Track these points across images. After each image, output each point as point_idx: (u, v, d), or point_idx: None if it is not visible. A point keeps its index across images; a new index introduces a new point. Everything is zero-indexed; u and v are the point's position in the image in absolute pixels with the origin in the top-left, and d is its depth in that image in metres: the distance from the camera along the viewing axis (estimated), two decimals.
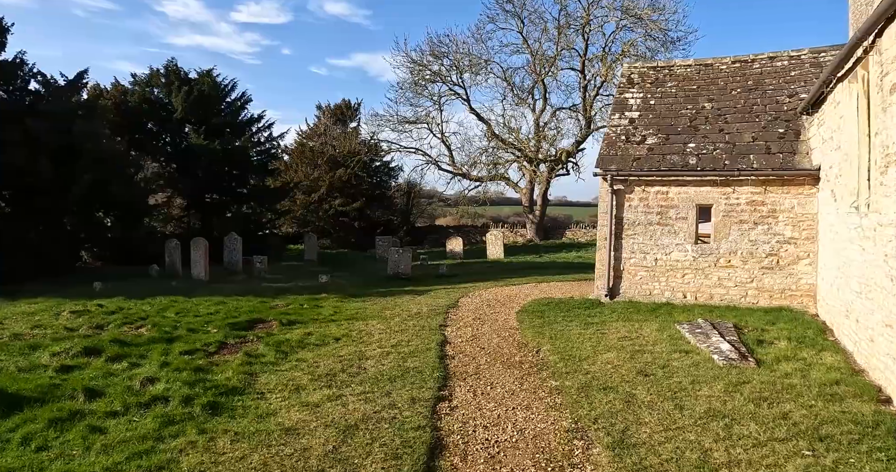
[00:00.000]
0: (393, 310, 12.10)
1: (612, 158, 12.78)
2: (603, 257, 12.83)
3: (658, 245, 12.52)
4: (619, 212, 12.71)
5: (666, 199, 12.45)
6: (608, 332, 9.73)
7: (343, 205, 37.75)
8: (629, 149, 12.88)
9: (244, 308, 12.28)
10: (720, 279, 12.18)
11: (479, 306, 12.65)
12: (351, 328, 10.15)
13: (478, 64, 35.07)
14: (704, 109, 13.34)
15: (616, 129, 13.39)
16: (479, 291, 14.88)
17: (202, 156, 26.20)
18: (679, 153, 12.49)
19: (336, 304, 13.10)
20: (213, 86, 28.51)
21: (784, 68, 13.68)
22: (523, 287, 15.47)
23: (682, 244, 12.38)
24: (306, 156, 39.58)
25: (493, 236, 28.53)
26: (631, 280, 12.73)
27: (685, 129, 12.98)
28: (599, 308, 11.80)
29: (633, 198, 12.63)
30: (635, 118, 13.55)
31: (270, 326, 10.57)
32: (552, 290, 14.98)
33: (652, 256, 12.57)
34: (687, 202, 12.33)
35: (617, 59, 31.90)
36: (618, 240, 12.74)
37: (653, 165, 12.42)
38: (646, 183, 12.53)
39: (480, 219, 48.02)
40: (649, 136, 13.06)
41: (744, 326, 10.00)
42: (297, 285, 17.07)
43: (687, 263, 12.37)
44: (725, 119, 12.94)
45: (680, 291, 12.43)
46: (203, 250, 18.51)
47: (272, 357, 8.09)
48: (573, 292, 14.49)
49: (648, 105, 13.83)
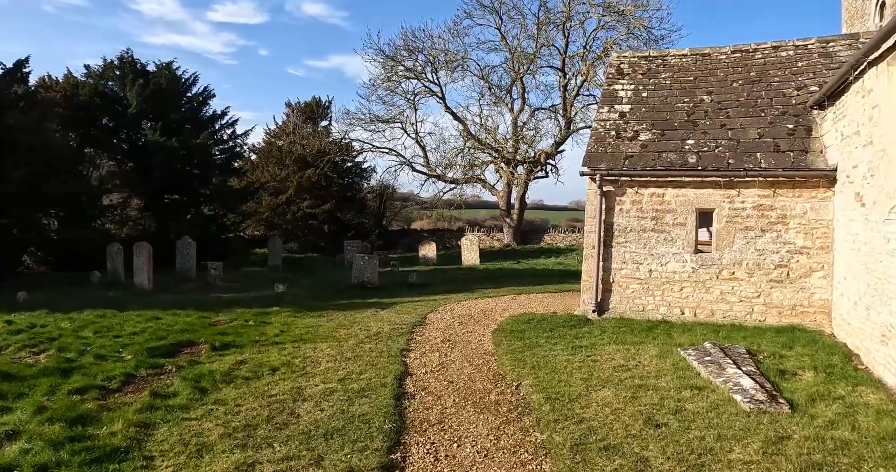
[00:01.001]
0: (350, 328, 10.44)
1: (600, 155, 11.30)
2: (590, 268, 11.33)
3: (653, 255, 11.05)
4: (608, 217, 11.22)
5: (662, 202, 10.99)
6: (600, 359, 8.20)
7: (312, 207, 35.92)
8: (620, 145, 11.42)
9: (177, 326, 10.53)
10: (723, 294, 10.75)
11: (449, 323, 11.03)
12: (295, 354, 8.47)
13: (454, 61, 33.56)
14: (703, 102, 11.94)
15: (605, 123, 11.92)
16: (451, 304, 13.28)
17: (158, 153, 24.29)
18: (677, 151, 11.05)
19: (287, 319, 11.41)
20: (171, 79, 26.57)
21: (790, 59, 12.34)
22: (500, 300, 13.90)
23: (680, 254, 10.93)
24: (274, 155, 37.69)
25: (469, 240, 27.00)
26: (622, 294, 11.25)
27: (682, 124, 11.56)
28: (587, 327, 10.28)
29: (625, 201, 11.15)
30: (626, 112, 12.10)
31: (199, 350, 8.84)
32: (532, 303, 13.44)
33: (646, 266, 11.10)
34: (685, 206, 10.89)
35: (599, 58, 30.64)
36: (607, 248, 11.25)
37: (647, 163, 10.95)
38: (639, 184, 11.06)
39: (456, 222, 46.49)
40: (642, 131, 11.61)
41: (757, 350, 8.55)
42: (249, 296, 15.33)
43: (685, 275, 10.92)
44: (727, 113, 11.54)
45: (677, 306, 10.98)
46: (146, 255, 16.64)
47: (184, 398, 6.40)
48: (556, 306, 12.97)
49: (641, 98, 12.39)
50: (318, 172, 36.07)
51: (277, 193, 36.05)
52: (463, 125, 34.25)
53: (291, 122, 39.40)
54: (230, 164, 29.85)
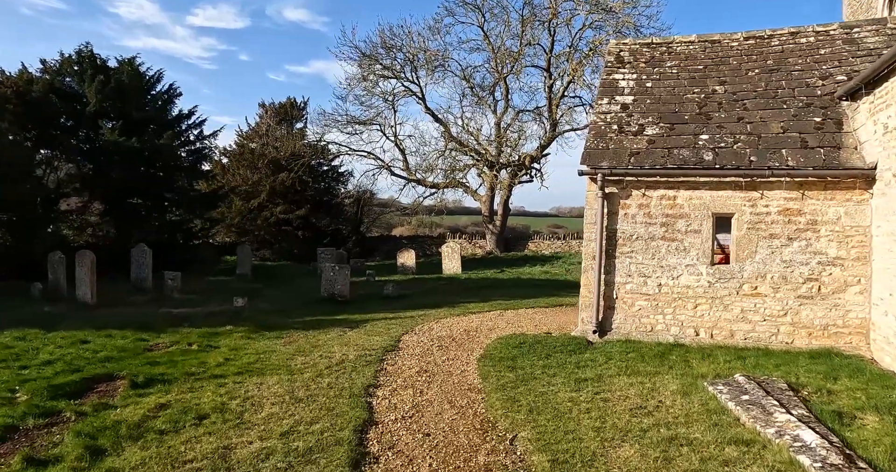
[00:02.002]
0: (309, 355, 8.79)
1: (601, 152, 9.82)
2: (590, 282, 9.82)
3: (663, 266, 9.58)
4: (611, 223, 9.73)
5: (673, 206, 9.53)
6: (612, 396, 6.67)
7: (285, 212, 34.11)
8: (623, 141, 9.95)
9: (104, 352, 8.83)
10: (744, 312, 9.30)
11: (427, 347, 9.41)
12: (234, 393, 6.83)
13: (434, 60, 32.04)
14: (716, 93, 10.53)
15: (605, 117, 10.45)
16: (429, 321, 11.67)
17: (117, 154, 22.45)
18: (689, 147, 9.60)
19: (238, 342, 9.75)
20: (134, 75, 24.73)
21: (811, 46, 11.00)
22: (486, 316, 12.32)
23: (695, 265, 9.47)
24: (246, 158, 35.86)
25: (450, 248, 25.45)
26: (627, 312, 9.75)
27: (694, 117, 10.13)
28: (589, 352, 8.74)
29: (631, 204, 9.67)
30: (629, 104, 10.65)
31: (116, 388, 7.14)
32: (522, 321, 11.87)
33: (655, 280, 9.61)
34: (700, 210, 9.44)
35: (587, 56, 29.34)
36: (610, 259, 9.75)
37: (656, 161, 9.49)
38: (647, 185, 9.59)
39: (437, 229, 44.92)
40: (648, 125, 10.15)
41: (798, 384, 7.07)
42: (204, 311, 13.62)
43: (700, 290, 9.45)
44: (744, 105, 10.14)
45: (691, 326, 9.51)
46: (89, 265, 14.83)
47: (68, 467, 4.75)
48: (549, 325, 11.43)
49: (644, 88, 10.95)
50: (292, 176, 34.29)
51: (249, 197, 34.26)
52: (444, 127, 32.75)
53: (265, 123, 37.59)
54: (198, 166, 28.07)
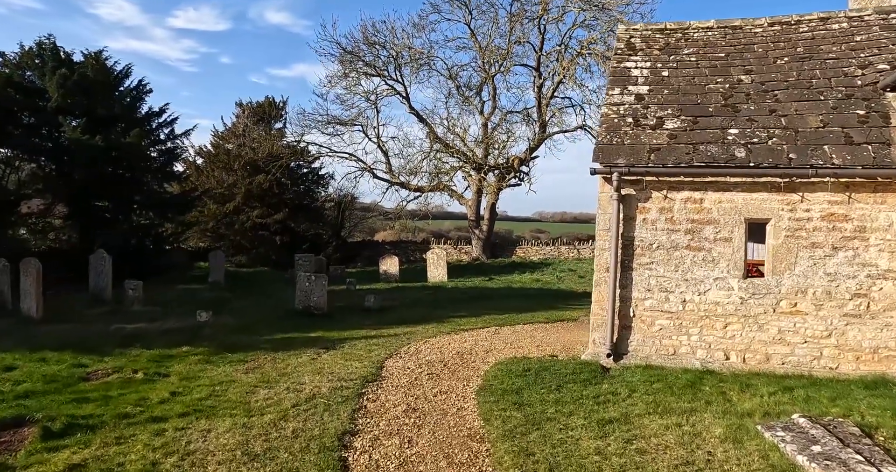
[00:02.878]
0: (274, 386, 7.35)
1: (616, 148, 8.52)
2: (603, 297, 8.50)
3: (687, 280, 8.29)
4: (628, 229, 8.43)
5: (700, 210, 8.26)
6: (647, 445, 5.34)
7: (262, 216, 32.47)
8: (641, 135, 8.66)
9: (27, 383, 7.34)
10: (781, 332, 8.04)
11: (415, 376, 7.99)
12: (172, 446, 5.38)
13: (419, 58, 30.70)
14: (742, 82, 9.30)
15: (618, 108, 9.17)
16: (416, 341, 10.26)
17: (80, 153, 20.82)
18: (717, 142, 8.34)
19: (192, 368, 8.29)
20: (100, 70, 23.09)
21: (844, 32, 9.83)
22: (480, 334, 10.93)
23: (725, 279, 8.19)
24: (221, 159, 34.17)
25: (435, 254, 24.08)
26: (646, 332, 8.44)
27: (720, 109, 8.88)
28: (608, 383, 7.41)
29: (650, 208, 8.38)
30: (644, 94, 9.38)
31: (22, 438, 5.64)
32: (521, 339, 10.50)
33: (678, 295, 8.32)
34: (731, 216, 8.17)
35: (579, 54, 28.20)
36: (626, 271, 8.44)
37: (680, 158, 8.21)
38: (669, 186, 8.31)
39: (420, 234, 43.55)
40: (668, 118, 8.89)
41: (868, 426, 5.81)
42: (162, 327, 12.12)
43: (731, 307, 8.18)
44: (775, 96, 8.92)
45: (720, 349, 8.23)
46: (34, 274, 13.22)
47: None
48: (553, 345, 10.08)
49: (660, 77, 9.70)
50: (270, 178, 32.68)
51: (224, 200, 32.59)
52: (429, 128, 31.39)
53: (242, 123, 35.94)
54: (169, 167, 26.47)
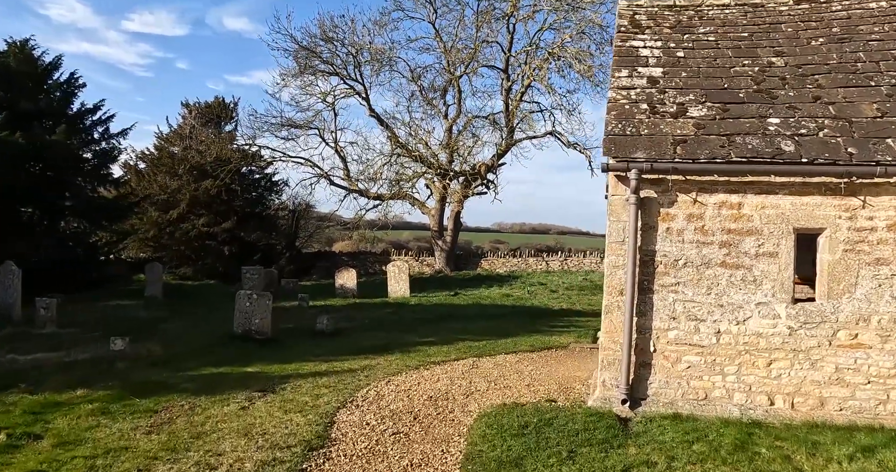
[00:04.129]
0: (178, 461, 5.32)
1: (632, 139, 6.81)
2: (616, 327, 6.74)
3: (723, 305, 6.61)
4: (647, 241, 6.71)
5: (738, 217, 6.60)
6: None
7: (209, 225, 29.96)
8: (660, 124, 6.98)
9: None
10: (839, 370, 6.42)
11: (376, 439, 5.97)
12: None
13: (380, 59, 28.86)
14: (773, 65, 7.75)
15: (628, 92, 7.49)
16: (377, 379, 8.25)
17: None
18: (756, 133, 6.71)
19: (80, 425, 6.19)
20: (24, 61, 20.64)
21: (884, 11, 8.41)
22: (455, 368, 8.98)
23: (769, 304, 6.54)
24: (165, 163, 31.56)
25: (397, 267, 22.14)
26: (670, 371, 6.71)
27: (752, 95, 7.28)
28: (633, 443, 5.61)
29: (676, 215, 6.69)
30: (658, 77, 7.72)
31: None
32: (507, 375, 8.58)
33: (711, 325, 6.63)
34: (777, 225, 6.54)
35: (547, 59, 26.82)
36: (645, 295, 6.71)
37: (715, 151, 6.54)
38: (700, 187, 6.63)
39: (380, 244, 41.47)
40: (690, 104, 7.24)
41: None
42: (65, 359, 9.95)
43: (777, 339, 6.52)
44: (816, 82, 7.37)
45: (762, 391, 6.55)
46: None
47: None
48: (547, 383, 8.21)
49: (675, 58, 8.07)
50: (218, 184, 30.23)
51: (168, 207, 30.00)
52: (390, 132, 29.49)
53: (188, 124, 33.32)
54: (104, 169, 24.00)
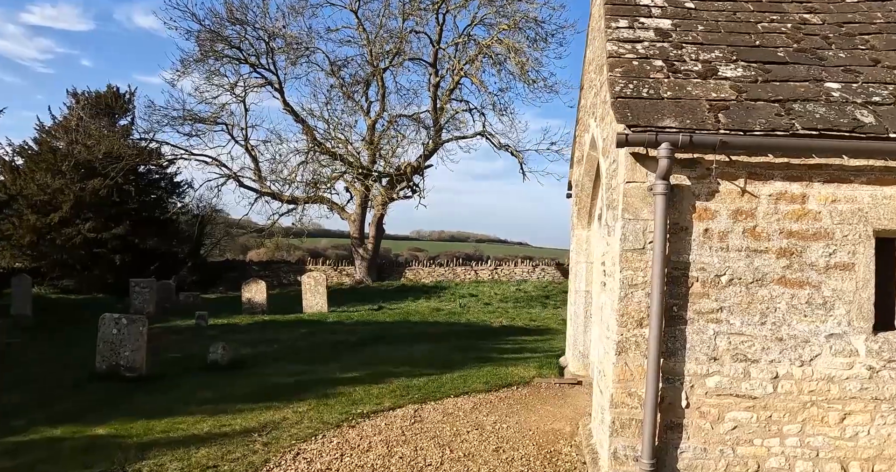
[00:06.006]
0: None
1: (653, 103, 4.84)
2: (633, 372, 4.72)
3: (782, 339, 4.71)
4: (677, 248, 4.72)
5: (802, 214, 4.73)
6: None
7: (96, 230, 26.15)
8: (686, 85, 5.04)
9: None
10: None
11: None
12: None
13: (296, 48, 26.20)
14: (809, 23, 6.02)
15: (633, 46, 5.53)
16: (282, 454, 5.70)
17: None
18: (819, 100, 4.89)
19: None
20: None
21: None
22: (392, 424, 6.53)
23: (844, 335, 4.69)
24: (45, 159, 27.37)
25: (313, 279, 19.55)
26: (709, 434, 4.74)
27: (794, 55, 5.48)
28: None
29: (718, 211, 4.74)
30: (668, 29, 5.82)
31: None
32: (463, 434, 6.27)
33: (766, 367, 4.71)
34: (853, 225, 4.72)
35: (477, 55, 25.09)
36: (674, 326, 4.71)
37: (772, 122, 4.65)
38: (749, 172, 4.71)
39: (296, 252, 38.46)
40: (719, 62, 5.35)
41: None
42: None
43: (854, 384, 4.69)
44: (867, 43, 5.69)
45: (833, 458, 4.69)
46: None
47: None
48: (521, 443, 6.03)
49: (685, 9, 6.20)
50: (109, 183, 26.47)
51: (48, 210, 25.98)
52: (307, 130, 26.83)
53: (75, 115, 29.18)
54: None
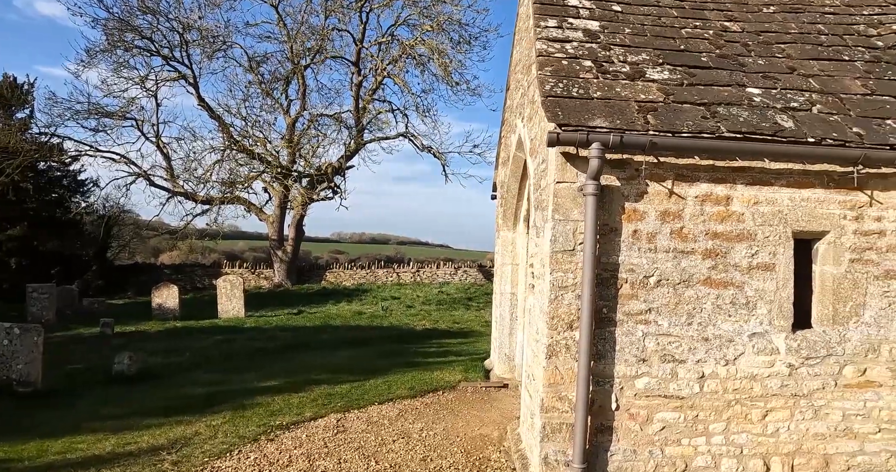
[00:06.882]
0: None
1: (583, 103, 4.81)
2: (564, 377, 4.66)
3: (708, 339, 4.77)
4: (607, 250, 4.70)
5: (726, 215, 4.81)
6: None
7: None
8: (615, 86, 5.06)
9: None
10: (846, 418, 4.85)
11: None
12: None
13: (213, 42, 25.14)
14: (729, 31, 6.20)
15: (563, 46, 5.51)
16: (198, 471, 5.44)
17: None
18: (742, 104, 5.02)
19: None
20: None
21: None
22: (313, 436, 6.11)
23: (766, 334, 4.81)
24: None
25: (229, 282, 18.74)
26: (639, 435, 4.74)
27: (717, 60, 5.62)
28: None
29: (647, 212, 4.76)
30: (597, 31, 5.84)
31: None
32: (388, 443, 6.03)
33: (693, 367, 4.76)
34: (774, 226, 4.85)
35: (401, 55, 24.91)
36: (604, 328, 4.69)
37: (699, 124, 4.71)
38: (677, 173, 4.76)
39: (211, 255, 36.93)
40: (646, 65, 5.41)
41: None
42: None
43: (775, 382, 4.81)
44: (784, 51, 5.92)
45: (756, 454, 4.80)
46: None
47: None
48: (448, 453, 5.84)
49: (612, 12, 6.25)
50: (3, 181, 24.48)
51: None
52: (223, 127, 25.77)
53: None
54: None
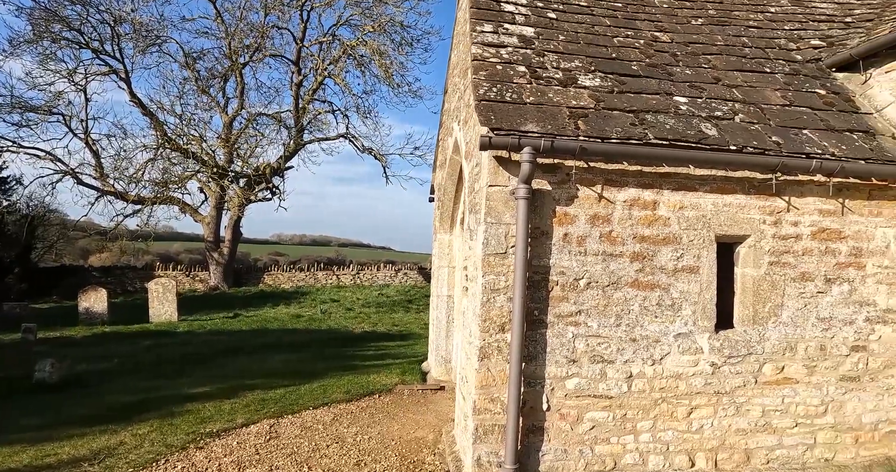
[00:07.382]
0: None
1: (515, 108, 4.87)
2: (496, 379, 4.70)
3: (636, 340, 4.90)
4: (538, 253, 4.77)
5: (653, 219, 4.96)
6: None
7: None
8: (548, 92, 5.15)
9: None
10: (766, 414, 5.08)
11: None
12: None
13: (146, 36, 24.28)
14: (659, 41, 6.40)
15: (498, 51, 5.56)
16: None
17: None
18: (668, 112, 5.19)
19: None
20: None
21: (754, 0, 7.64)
22: (245, 443, 5.96)
23: (690, 334, 4.98)
24: None
25: (162, 285, 18.10)
26: (569, 435, 4.82)
27: (646, 69, 5.80)
28: None
29: (577, 216, 4.85)
30: (531, 37, 5.92)
31: None
32: (322, 448, 5.90)
33: (621, 367, 4.87)
34: (698, 230, 5.03)
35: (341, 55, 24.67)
36: (536, 330, 4.75)
37: (628, 130, 4.85)
38: (607, 178, 4.87)
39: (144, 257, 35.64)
40: (579, 72, 5.52)
41: None
42: None
43: (700, 380, 4.99)
44: (710, 62, 6.16)
45: (682, 450, 4.96)
46: None
47: None
48: (382, 457, 5.80)
49: (547, 19, 6.35)
50: None
51: None
52: (156, 123, 24.90)
53: None
54: None
